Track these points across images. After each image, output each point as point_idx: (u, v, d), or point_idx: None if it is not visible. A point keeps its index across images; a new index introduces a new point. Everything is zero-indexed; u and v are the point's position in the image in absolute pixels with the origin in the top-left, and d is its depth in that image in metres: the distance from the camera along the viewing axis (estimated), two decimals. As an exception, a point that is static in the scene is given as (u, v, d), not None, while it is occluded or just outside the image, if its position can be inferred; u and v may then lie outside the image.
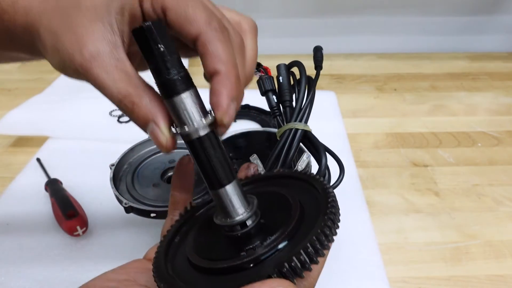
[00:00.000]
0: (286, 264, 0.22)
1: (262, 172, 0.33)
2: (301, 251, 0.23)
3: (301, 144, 0.38)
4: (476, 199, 0.59)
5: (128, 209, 0.44)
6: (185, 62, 0.26)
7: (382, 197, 0.60)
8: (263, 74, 0.42)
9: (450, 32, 1.04)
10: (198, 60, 0.27)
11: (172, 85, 0.24)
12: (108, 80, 0.24)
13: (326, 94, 0.82)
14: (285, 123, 0.39)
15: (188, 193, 0.34)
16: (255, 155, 0.36)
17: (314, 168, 0.38)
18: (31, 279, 0.47)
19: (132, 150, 0.52)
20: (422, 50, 1.03)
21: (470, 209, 0.58)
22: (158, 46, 0.23)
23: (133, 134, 0.43)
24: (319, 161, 0.36)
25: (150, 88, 0.26)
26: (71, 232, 0.50)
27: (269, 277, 0.22)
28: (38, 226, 0.53)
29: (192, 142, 0.25)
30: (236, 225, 0.26)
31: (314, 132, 0.38)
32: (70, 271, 0.47)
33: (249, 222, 0.26)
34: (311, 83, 0.40)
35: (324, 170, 0.35)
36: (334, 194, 0.26)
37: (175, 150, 0.26)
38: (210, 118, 0.25)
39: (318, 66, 0.43)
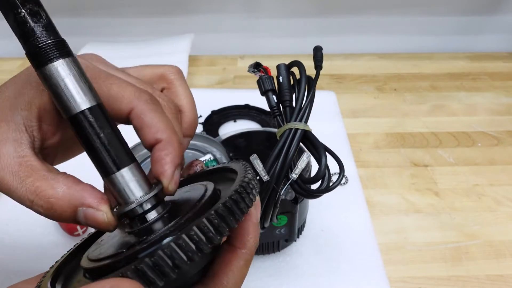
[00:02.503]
0: (133, 266, 0.18)
1: (203, 167, 0.31)
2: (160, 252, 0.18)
3: (301, 144, 0.38)
4: (476, 199, 0.59)
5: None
6: (185, 61, 0.26)
7: (382, 197, 0.60)
8: (263, 74, 0.42)
9: (450, 32, 1.04)
10: (198, 60, 0.27)
11: (41, 51, 0.21)
12: (15, 181, 0.22)
13: (326, 94, 0.82)
14: (285, 123, 0.39)
15: None
16: (255, 155, 0.36)
17: (314, 168, 0.38)
18: (31, 279, 0.47)
19: (132, 150, 0.52)
20: (422, 50, 1.03)
21: (470, 209, 0.58)
22: (19, 11, 0.20)
23: (133, 134, 0.43)
24: (319, 161, 0.36)
25: (62, 174, 0.24)
26: (71, 232, 0.50)
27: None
28: (38, 226, 0.53)
29: (75, 117, 0.22)
30: (132, 213, 0.23)
31: (314, 132, 0.38)
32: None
33: (147, 207, 0.23)
34: (311, 83, 0.40)
35: (324, 170, 0.35)
36: (249, 179, 0.23)
37: None
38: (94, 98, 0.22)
39: (318, 66, 0.43)
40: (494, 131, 0.73)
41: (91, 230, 0.52)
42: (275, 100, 0.41)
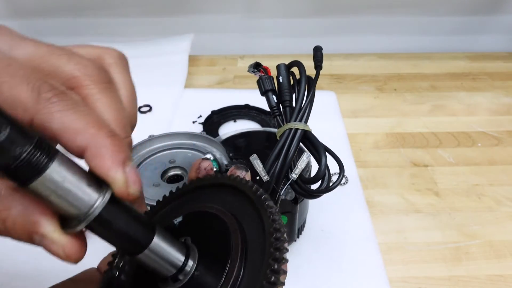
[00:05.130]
0: None
1: (212, 169, 0.30)
2: None
3: (301, 144, 0.38)
4: (476, 199, 0.59)
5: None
6: (185, 61, 0.24)
7: (382, 197, 0.60)
8: (263, 74, 0.42)
9: (450, 32, 1.04)
10: (198, 60, 0.27)
11: (18, 169, 0.16)
12: None
13: (326, 94, 0.82)
14: (285, 123, 0.39)
15: None
16: (255, 155, 0.36)
17: (314, 168, 0.38)
18: (31, 279, 0.47)
19: (132, 149, 0.52)
20: (422, 50, 1.03)
21: (470, 209, 0.58)
22: None
23: (133, 134, 0.43)
24: (319, 161, 0.36)
25: (18, 190, 0.18)
26: (71, 232, 0.50)
27: None
28: (38, 226, 0.53)
29: (90, 226, 0.19)
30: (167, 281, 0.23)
31: (314, 132, 0.38)
32: (70, 271, 0.47)
33: (181, 276, 0.23)
34: (311, 83, 0.40)
35: (324, 170, 0.35)
36: (276, 214, 0.23)
37: (175, 150, 0.24)
38: (105, 186, 0.19)
39: (318, 66, 0.43)
40: (494, 131, 0.73)
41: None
42: (275, 100, 0.41)
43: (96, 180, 0.19)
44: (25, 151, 0.16)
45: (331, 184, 0.35)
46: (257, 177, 0.36)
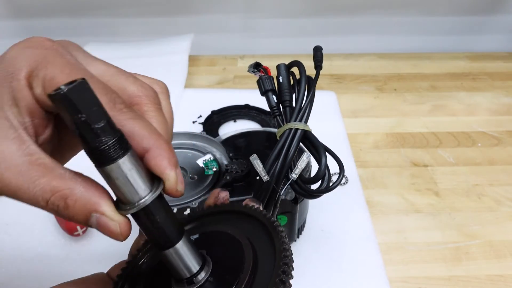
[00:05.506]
0: None
1: (229, 198, 0.33)
2: None
3: (301, 144, 0.38)
4: (476, 199, 0.59)
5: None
6: (185, 61, 0.25)
7: (382, 197, 0.60)
8: (263, 74, 0.42)
9: (450, 32, 1.04)
10: (198, 60, 0.27)
11: (102, 153, 0.20)
12: (25, 182, 0.21)
13: (326, 94, 0.82)
14: (285, 123, 0.39)
15: None
16: (255, 155, 0.36)
17: (314, 168, 0.38)
18: (31, 279, 0.47)
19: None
20: (422, 50, 1.03)
21: (470, 209, 0.58)
22: (78, 116, 0.19)
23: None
24: (319, 161, 0.36)
25: (79, 174, 0.22)
26: (71, 232, 0.50)
27: None
28: (38, 226, 0.53)
29: (137, 213, 0.22)
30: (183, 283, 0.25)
31: (314, 132, 0.38)
32: (70, 271, 0.47)
33: (197, 279, 0.25)
34: (311, 83, 0.40)
35: (324, 170, 0.35)
36: (286, 237, 0.26)
37: (175, 150, 0.25)
38: (157, 184, 0.23)
39: (318, 66, 0.43)
40: (494, 131, 0.73)
41: (91, 230, 0.52)
42: (275, 100, 0.41)
43: (150, 177, 0.23)
44: (111, 141, 0.20)
45: (331, 184, 0.35)
46: (257, 177, 0.36)
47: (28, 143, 0.22)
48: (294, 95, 0.40)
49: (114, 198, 0.23)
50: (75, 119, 0.19)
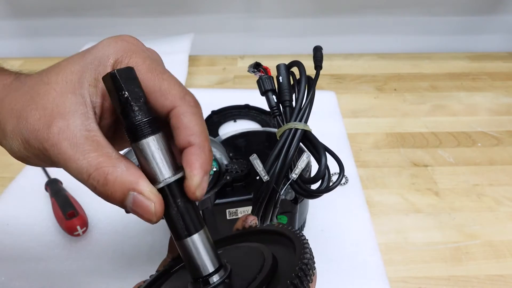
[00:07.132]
0: None
1: (257, 223, 0.33)
2: None
3: (301, 144, 0.38)
4: (476, 199, 0.59)
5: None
6: (185, 61, 0.26)
7: (382, 197, 0.60)
8: (262, 74, 0.42)
9: (450, 32, 1.04)
10: (198, 60, 0.27)
11: (137, 128, 0.23)
12: (77, 153, 0.23)
13: (326, 94, 0.82)
14: (285, 123, 0.39)
15: None
16: (255, 155, 0.36)
17: (314, 168, 0.38)
18: (31, 279, 0.47)
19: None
20: (422, 50, 1.03)
21: (470, 209, 0.58)
22: (123, 92, 0.23)
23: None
24: (319, 161, 0.36)
25: (124, 157, 0.24)
26: (71, 232, 0.50)
27: None
28: (38, 226, 0.53)
29: (160, 190, 0.24)
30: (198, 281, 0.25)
31: (314, 132, 0.38)
32: (70, 271, 0.47)
33: (213, 280, 0.25)
34: (311, 83, 0.40)
35: (324, 170, 0.35)
36: (307, 243, 0.26)
37: None
38: (179, 171, 0.24)
39: (318, 66, 0.43)
40: (494, 131, 0.73)
41: (91, 230, 0.52)
42: (275, 100, 0.41)
43: (176, 163, 0.24)
44: (145, 119, 0.23)
45: (331, 184, 0.35)
46: (257, 177, 0.36)
47: (90, 120, 0.24)
48: (294, 95, 0.40)
49: None
50: (120, 95, 0.23)
